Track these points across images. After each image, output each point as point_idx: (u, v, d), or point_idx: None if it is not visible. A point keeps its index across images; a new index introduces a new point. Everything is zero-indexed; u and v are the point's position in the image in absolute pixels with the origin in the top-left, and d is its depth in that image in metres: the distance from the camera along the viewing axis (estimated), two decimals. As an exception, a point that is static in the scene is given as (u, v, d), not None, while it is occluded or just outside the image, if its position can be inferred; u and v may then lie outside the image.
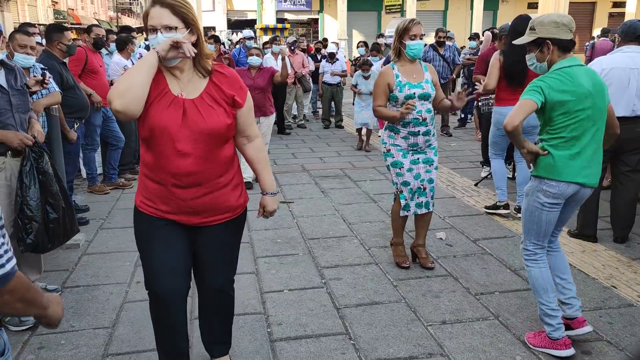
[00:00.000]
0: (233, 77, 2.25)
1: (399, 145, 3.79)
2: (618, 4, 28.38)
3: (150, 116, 2.12)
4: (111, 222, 5.02)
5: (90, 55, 5.78)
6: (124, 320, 3.24)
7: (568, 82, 2.68)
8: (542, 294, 2.86)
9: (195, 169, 2.17)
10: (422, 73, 3.79)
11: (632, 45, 4.19)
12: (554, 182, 2.74)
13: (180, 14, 2.08)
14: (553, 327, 2.83)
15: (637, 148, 4.23)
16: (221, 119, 2.17)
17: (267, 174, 2.45)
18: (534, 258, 2.91)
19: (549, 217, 2.82)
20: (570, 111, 2.68)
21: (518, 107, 2.68)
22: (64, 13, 27.05)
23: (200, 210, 2.27)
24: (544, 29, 2.74)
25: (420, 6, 26.10)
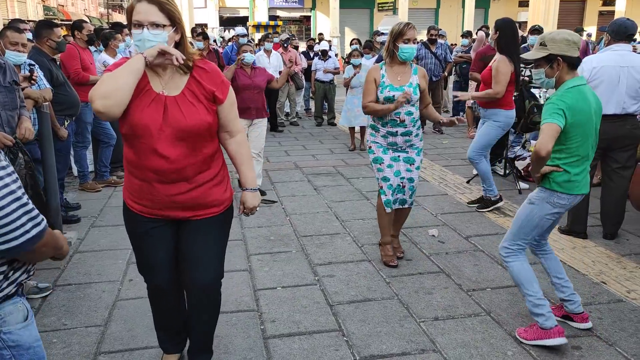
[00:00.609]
0: (214, 71, 2.25)
1: (379, 143, 3.91)
2: (608, 2, 28.59)
3: (131, 114, 2.11)
4: (103, 220, 5.00)
5: (81, 52, 5.74)
6: (116, 318, 3.24)
7: (582, 101, 2.74)
8: (527, 286, 2.91)
9: (178, 166, 2.18)
10: (409, 76, 3.84)
11: (621, 44, 4.22)
12: (566, 196, 2.84)
13: (168, 11, 2.08)
14: (544, 317, 2.86)
15: (626, 145, 4.27)
16: (202, 117, 2.17)
17: (248, 169, 2.41)
18: (515, 255, 2.96)
19: (546, 225, 2.92)
20: (583, 131, 2.76)
21: (546, 134, 2.69)
22: (53, 9, 26.83)
23: (186, 206, 2.28)
24: (555, 46, 2.78)
25: (412, 4, 26.16)
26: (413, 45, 3.76)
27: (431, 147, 8.34)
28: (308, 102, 12.12)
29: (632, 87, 4.14)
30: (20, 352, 1.58)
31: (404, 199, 3.96)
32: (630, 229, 4.61)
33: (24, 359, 1.59)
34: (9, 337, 1.55)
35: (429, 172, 6.72)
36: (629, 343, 2.93)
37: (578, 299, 3.06)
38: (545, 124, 2.70)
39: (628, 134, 4.24)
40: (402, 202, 3.97)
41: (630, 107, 4.18)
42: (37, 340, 1.64)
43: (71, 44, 5.80)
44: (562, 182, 2.82)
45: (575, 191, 2.84)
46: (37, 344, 1.63)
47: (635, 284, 3.62)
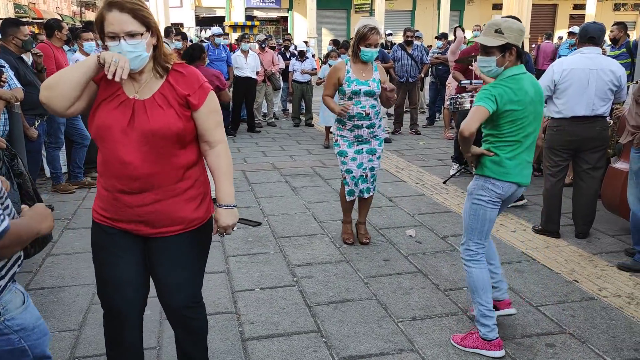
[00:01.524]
0: (192, 75, 2.09)
1: (346, 137, 4.22)
2: (578, 6, 29.21)
3: (97, 117, 2.04)
4: (77, 222, 4.91)
5: (55, 52, 5.63)
6: (91, 322, 3.18)
7: (517, 91, 2.76)
8: (481, 294, 2.87)
9: (142, 173, 2.02)
10: (372, 72, 4.14)
11: (591, 47, 4.32)
12: (499, 182, 2.83)
13: (142, 17, 1.96)
14: (489, 328, 2.84)
15: (597, 146, 4.37)
16: (169, 120, 2.01)
17: (225, 183, 2.18)
18: (476, 258, 2.92)
19: (492, 215, 2.89)
20: (516, 119, 2.77)
21: (474, 114, 2.74)
22: (25, 7, 26.23)
23: (149, 220, 2.09)
24: (512, 35, 2.75)
25: (389, 5, 26.33)
26: (374, 49, 4.05)
27: (408, 148, 8.41)
28: (285, 102, 12.10)
29: (601, 89, 4.24)
30: (27, 334, 1.68)
31: (368, 188, 4.32)
32: (601, 228, 4.72)
33: (32, 339, 1.70)
34: (13, 323, 1.65)
35: (406, 173, 6.78)
36: (601, 340, 3.00)
37: (505, 286, 3.11)
38: (475, 107, 2.76)
39: (598, 136, 4.34)
40: (367, 191, 4.33)
41: (599, 109, 4.28)
42: (38, 319, 1.74)
43: (45, 44, 5.69)
44: (493, 166, 2.82)
45: (508, 178, 2.81)
46: (39, 322, 1.74)
47: (606, 282, 3.71)
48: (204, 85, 2.10)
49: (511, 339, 3.02)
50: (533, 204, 5.46)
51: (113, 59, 1.90)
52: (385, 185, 6.19)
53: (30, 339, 1.70)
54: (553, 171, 4.49)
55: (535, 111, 2.83)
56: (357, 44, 4.03)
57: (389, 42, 13.50)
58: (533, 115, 2.82)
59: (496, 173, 2.83)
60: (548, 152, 4.52)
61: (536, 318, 3.23)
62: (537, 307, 3.37)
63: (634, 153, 3.87)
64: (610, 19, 25.32)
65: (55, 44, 5.73)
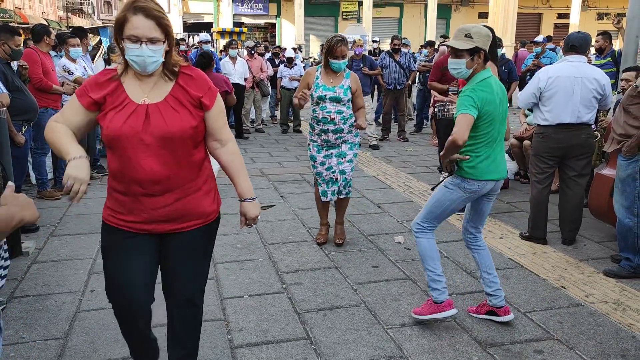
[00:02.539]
0: (200, 78, 2.17)
1: (315, 141, 4.37)
2: (563, 15, 29.67)
3: (109, 127, 2.05)
4: (63, 229, 4.86)
5: (42, 57, 5.58)
6: (77, 330, 3.14)
7: (490, 94, 2.93)
8: (429, 261, 3.14)
9: (164, 176, 2.09)
10: (342, 79, 4.26)
11: (576, 55, 4.39)
12: (476, 182, 3.01)
13: (164, 26, 2.02)
14: (439, 291, 3.11)
15: (582, 154, 4.43)
16: (185, 122, 2.08)
17: (243, 179, 2.31)
18: (424, 232, 3.17)
19: (455, 209, 3.13)
20: (491, 119, 2.95)
21: (463, 124, 2.87)
22: (10, 12, 25.97)
23: (173, 218, 2.17)
24: (481, 40, 2.92)
25: (376, 13, 26.53)
26: (341, 60, 4.16)
27: (396, 155, 8.44)
28: (274, 109, 12.10)
29: (586, 97, 4.30)
30: None
31: (339, 190, 4.42)
32: (588, 234, 4.77)
33: None
34: None
35: (394, 180, 6.80)
36: (588, 346, 3.02)
37: (502, 294, 3.23)
38: (461, 115, 2.88)
39: (583, 143, 4.39)
40: (338, 193, 4.44)
41: (584, 117, 4.34)
42: None
43: (32, 49, 5.64)
44: (470, 169, 2.99)
45: (485, 177, 3.00)
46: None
47: (593, 288, 3.75)
48: (212, 87, 2.18)
49: (499, 345, 3.03)
50: (520, 210, 5.51)
51: (68, 181, 1.90)
52: (373, 192, 6.20)
53: None
54: (539, 178, 4.54)
55: (502, 110, 3.04)
56: (326, 56, 4.19)
57: (376, 50, 13.57)
58: (501, 114, 3.02)
59: (473, 174, 3.00)
60: (534, 159, 4.57)
61: (524, 324, 3.25)
62: (525, 313, 3.39)
63: (621, 160, 3.92)
64: (594, 28, 25.79)
65: (42, 49, 5.68)
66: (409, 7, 29.46)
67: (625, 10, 6.25)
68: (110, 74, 2.13)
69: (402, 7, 29.41)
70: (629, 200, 3.89)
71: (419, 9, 29.07)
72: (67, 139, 2.04)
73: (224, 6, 25.91)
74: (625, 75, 5.09)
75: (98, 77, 2.13)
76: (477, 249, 3.27)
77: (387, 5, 28.53)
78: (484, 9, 28.51)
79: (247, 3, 27.21)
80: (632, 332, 3.17)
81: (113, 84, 2.10)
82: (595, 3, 30.57)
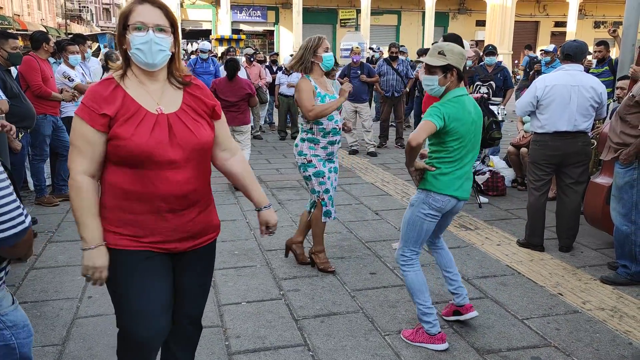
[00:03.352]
0: (205, 87, 2.11)
1: (319, 155, 3.97)
2: (560, 23, 29.84)
3: (132, 141, 1.85)
4: (61, 235, 4.86)
5: (41, 64, 5.60)
6: (75, 336, 3.14)
7: (461, 111, 2.94)
8: (419, 295, 3.08)
9: (190, 189, 1.97)
10: (331, 86, 4.06)
11: (572, 64, 4.42)
12: (439, 197, 3.00)
13: (170, 17, 1.95)
14: (431, 324, 3.05)
15: (579, 161, 4.45)
16: (208, 132, 2.01)
17: (257, 187, 2.24)
18: (410, 263, 3.12)
19: (429, 227, 3.08)
20: (460, 137, 2.95)
21: (422, 128, 2.91)
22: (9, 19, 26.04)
23: (195, 233, 2.04)
24: (453, 58, 2.94)
25: (374, 21, 26.66)
26: (330, 53, 3.95)
27: (394, 162, 8.47)
28: (271, 115, 12.13)
29: (582, 106, 4.33)
30: (18, 331, 1.76)
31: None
32: (585, 241, 4.79)
33: (21, 337, 1.77)
34: (7, 319, 1.74)
35: (392, 187, 6.82)
36: (585, 353, 3.03)
37: (464, 292, 3.28)
38: (424, 121, 2.92)
39: (580, 151, 4.42)
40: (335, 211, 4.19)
41: (581, 125, 4.36)
42: (27, 319, 1.83)
43: (31, 56, 5.66)
44: (434, 181, 2.99)
45: (447, 192, 2.99)
46: (28, 322, 1.82)
47: (590, 295, 3.76)
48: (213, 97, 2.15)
49: (497, 352, 3.04)
50: (517, 217, 5.52)
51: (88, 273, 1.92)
52: (371, 199, 6.22)
53: (20, 337, 1.77)
54: (537, 185, 4.56)
55: (475, 130, 3.02)
56: (314, 54, 3.85)
57: (373, 57, 13.64)
58: (473, 134, 3.01)
59: (436, 187, 3.01)
60: (532, 167, 4.60)
61: (521, 331, 3.26)
62: (522, 320, 3.40)
63: (618, 168, 3.94)
64: (591, 36, 25.96)
65: (41, 56, 5.70)
66: (407, 15, 29.60)
67: (621, 18, 6.31)
68: (110, 84, 1.94)
69: (400, 14, 29.55)
70: (627, 208, 3.91)
71: (417, 16, 29.21)
72: (87, 218, 1.91)
73: (223, 14, 26.00)
74: (621, 84, 5.13)
75: (99, 91, 1.90)
76: (436, 249, 3.35)
77: (384, 13, 28.66)
78: (482, 17, 28.69)
79: (246, 10, 27.32)
80: (629, 339, 3.18)
81: (119, 94, 1.91)
82: (591, 11, 30.76)
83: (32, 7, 33.77)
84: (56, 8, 40.18)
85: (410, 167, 3.05)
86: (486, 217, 5.52)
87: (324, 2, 27.67)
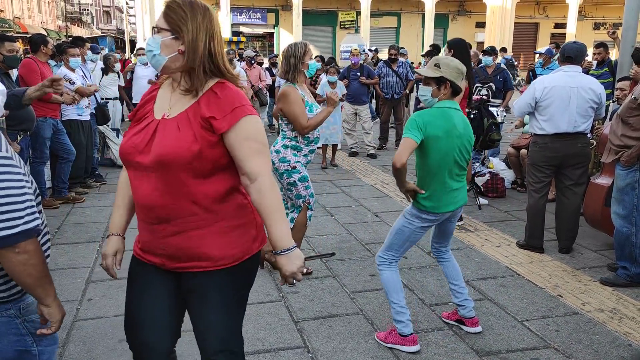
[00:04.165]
0: (227, 98, 1.80)
1: (301, 162, 3.95)
2: (560, 25, 29.88)
3: (122, 141, 1.92)
4: (61, 238, 4.86)
5: (41, 67, 5.61)
6: (74, 339, 3.14)
7: (443, 119, 2.92)
8: (393, 294, 3.09)
9: (156, 203, 1.81)
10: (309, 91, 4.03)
11: (572, 65, 4.42)
12: (432, 216, 3.03)
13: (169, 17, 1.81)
14: (404, 324, 3.06)
15: (579, 162, 4.45)
16: (182, 144, 1.75)
17: (274, 225, 1.81)
18: (387, 264, 3.14)
19: (415, 238, 3.11)
20: (442, 147, 2.91)
21: (403, 146, 2.91)
22: (9, 22, 26.11)
23: (171, 254, 1.87)
24: (448, 71, 2.93)
25: (374, 23, 26.70)
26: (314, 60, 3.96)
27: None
28: (271, 118, 12.13)
29: (582, 107, 4.33)
30: (40, 339, 1.73)
31: None
32: (584, 243, 4.79)
33: (43, 344, 1.74)
34: (32, 325, 1.70)
35: (392, 189, 6.82)
36: (585, 354, 3.03)
37: (470, 304, 3.24)
38: (403, 138, 2.93)
39: (579, 152, 4.42)
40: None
41: (580, 126, 4.36)
42: None
43: (31, 59, 5.66)
44: (425, 202, 3.00)
45: (441, 210, 3.00)
46: None
47: (589, 296, 3.76)
48: (238, 109, 1.78)
49: (496, 353, 3.04)
50: (517, 219, 5.53)
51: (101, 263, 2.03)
52: (371, 201, 6.22)
53: (42, 344, 1.74)
54: (536, 187, 4.56)
55: (461, 144, 2.98)
56: (302, 61, 3.82)
57: (372, 59, 13.65)
58: (459, 148, 2.97)
59: (429, 207, 3.00)
60: (531, 169, 4.60)
61: (521, 333, 3.26)
62: (521, 321, 3.40)
63: (619, 170, 3.94)
64: (591, 37, 25.98)
65: (40, 59, 5.71)
66: (407, 16, 29.65)
67: (621, 20, 6.31)
68: (155, 86, 1.97)
69: (400, 16, 29.61)
70: (627, 210, 3.91)
71: (417, 18, 29.26)
72: (113, 208, 2.07)
73: (223, 16, 26.03)
74: (620, 85, 5.13)
75: (144, 94, 2.00)
76: (442, 261, 3.32)
77: (384, 15, 28.72)
78: (481, 18, 28.74)
79: (246, 13, 27.37)
80: (629, 340, 3.18)
81: (152, 97, 1.94)
82: (591, 13, 30.81)
83: (32, 9, 33.84)
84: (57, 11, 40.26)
85: (402, 189, 3.05)
86: (486, 218, 5.53)
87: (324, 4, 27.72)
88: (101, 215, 5.50)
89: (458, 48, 5.09)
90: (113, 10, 60.95)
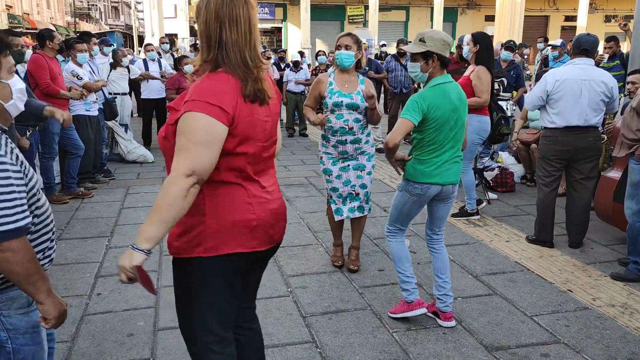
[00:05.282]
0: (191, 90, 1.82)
1: (330, 154, 3.95)
2: (570, 17, 29.56)
3: None
4: (70, 233, 4.88)
5: (49, 62, 5.63)
6: (84, 333, 3.16)
7: (442, 98, 2.95)
8: (399, 263, 3.28)
9: None
10: (357, 85, 3.87)
11: (583, 58, 4.37)
12: (418, 185, 3.08)
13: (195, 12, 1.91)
14: (409, 292, 3.24)
15: (590, 156, 4.40)
16: (163, 129, 1.89)
17: (145, 221, 1.75)
18: (394, 235, 3.32)
19: (412, 210, 3.22)
20: (439, 126, 2.97)
21: (399, 128, 2.96)
22: (19, 17, 26.26)
23: None
24: (433, 44, 2.95)
25: (382, 17, 26.54)
26: (344, 50, 3.79)
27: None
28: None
29: (593, 100, 4.28)
30: (17, 336, 1.69)
31: (361, 206, 4.02)
32: (595, 237, 4.75)
33: (18, 342, 1.70)
34: (7, 320, 1.68)
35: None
36: (595, 350, 3.00)
37: (449, 300, 3.27)
38: (401, 119, 2.96)
39: (591, 146, 4.37)
40: (359, 210, 4.03)
41: (592, 119, 4.31)
42: (35, 328, 1.74)
43: (39, 54, 5.68)
44: (411, 170, 3.09)
45: (425, 180, 3.05)
46: (35, 331, 1.74)
47: (600, 291, 3.72)
48: (187, 102, 1.76)
49: (506, 349, 3.02)
50: (526, 213, 5.48)
51: None
52: (379, 196, 6.20)
53: (17, 342, 1.70)
54: (546, 181, 4.52)
55: (457, 117, 3.03)
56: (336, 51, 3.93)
57: (383, 53, 13.59)
58: (454, 120, 3.02)
59: (414, 176, 3.08)
60: (541, 162, 4.55)
61: (530, 328, 3.24)
62: (531, 317, 3.37)
63: (633, 165, 3.89)
64: (602, 30, 25.66)
65: (48, 54, 5.73)
66: (415, 10, 29.45)
67: (632, 12, 6.23)
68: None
69: (408, 10, 29.41)
70: (640, 204, 3.86)
71: (425, 12, 29.05)
72: None
73: (231, 11, 26.04)
74: (632, 78, 5.06)
75: None
76: (434, 251, 3.34)
77: (393, 9, 28.54)
78: (491, 11, 28.46)
79: (254, 7, 27.31)
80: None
81: None
82: (602, 5, 30.44)
83: (41, 5, 34.01)
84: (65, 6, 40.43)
85: (391, 159, 3.12)
86: (495, 213, 5.49)
87: (332, -2, 27.61)
88: (110, 211, 5.52)
89: (484, 42, 5.04)
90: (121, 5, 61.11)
